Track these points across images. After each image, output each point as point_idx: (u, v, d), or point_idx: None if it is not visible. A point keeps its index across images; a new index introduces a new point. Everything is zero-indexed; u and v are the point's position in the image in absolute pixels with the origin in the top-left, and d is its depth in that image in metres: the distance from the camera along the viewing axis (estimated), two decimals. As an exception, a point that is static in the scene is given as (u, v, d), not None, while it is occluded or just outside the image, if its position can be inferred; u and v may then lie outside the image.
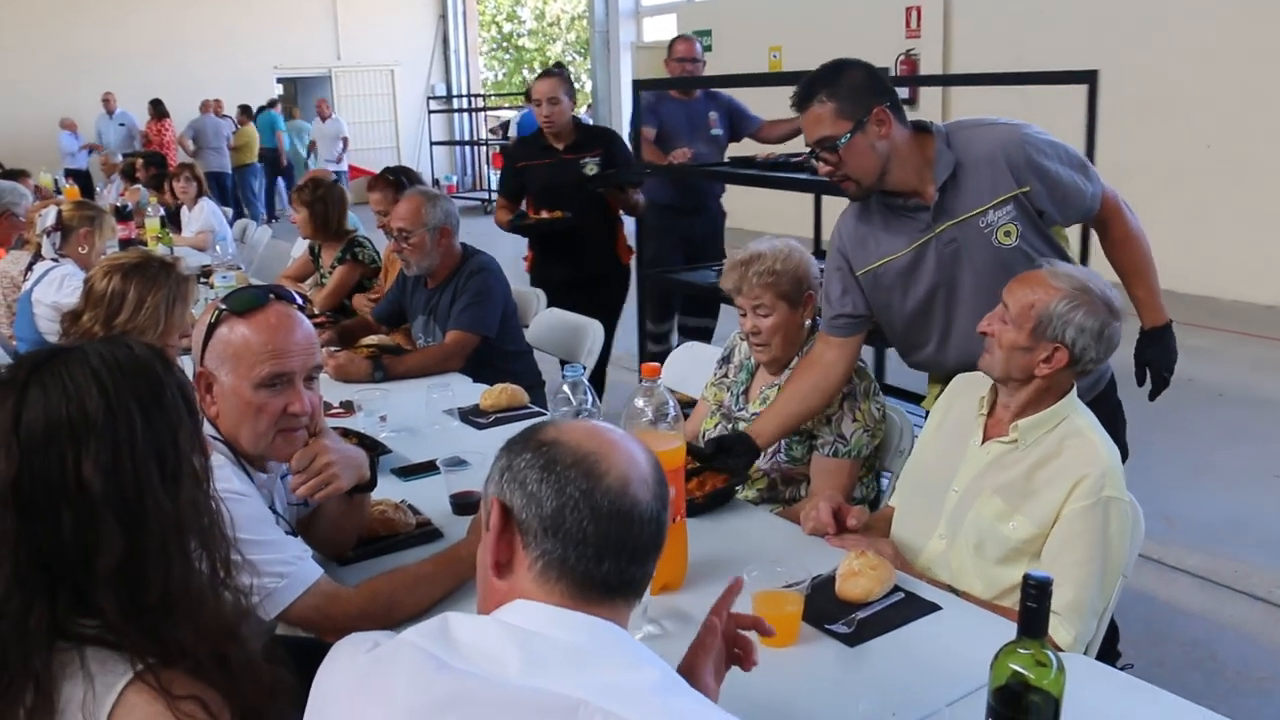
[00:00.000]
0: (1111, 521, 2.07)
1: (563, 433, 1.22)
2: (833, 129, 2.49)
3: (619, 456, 1.19)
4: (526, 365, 3.98)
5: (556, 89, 4.72)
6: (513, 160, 5.03)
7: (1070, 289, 2.14)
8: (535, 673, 1.08)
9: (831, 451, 2.65)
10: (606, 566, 1.16)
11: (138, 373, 1.25)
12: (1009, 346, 2.17)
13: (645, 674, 1.11)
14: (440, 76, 20.34)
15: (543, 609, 1.16)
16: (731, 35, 13.93)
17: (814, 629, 1.89)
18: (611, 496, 1.16)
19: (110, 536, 1.18)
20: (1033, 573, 1.32)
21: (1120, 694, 1.74)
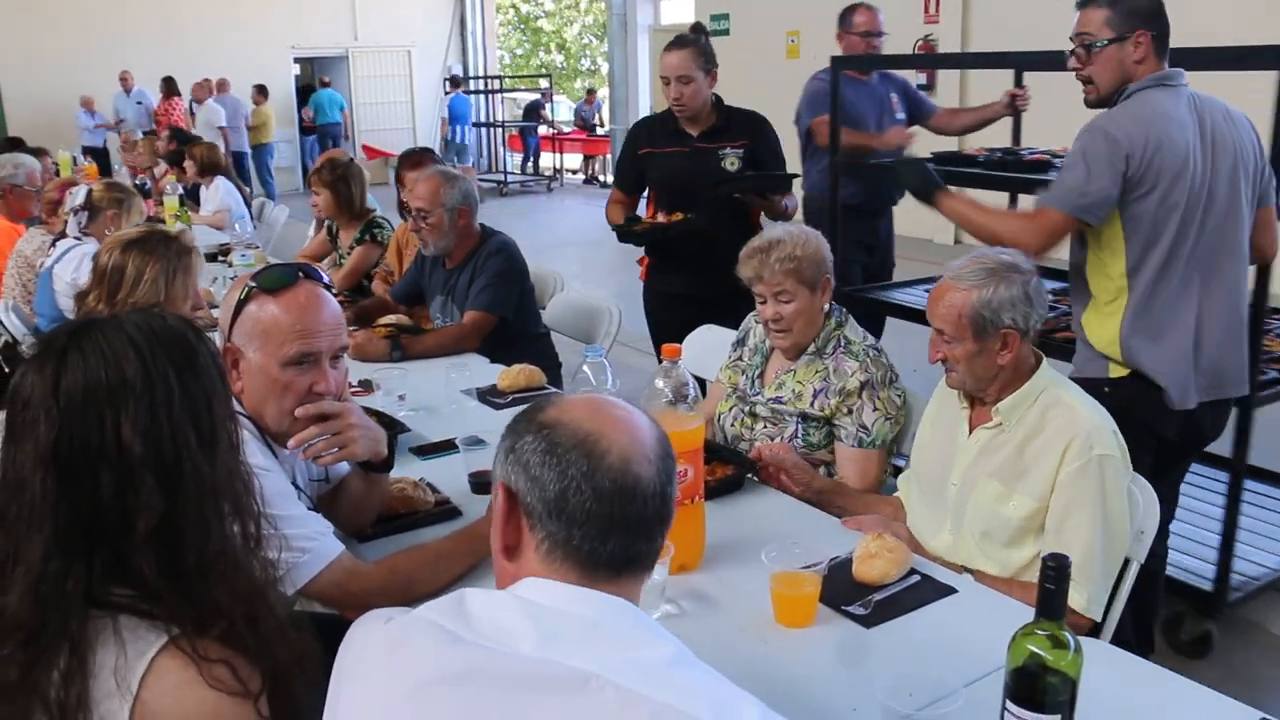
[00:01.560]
0: (1107, 479, 2.11)
1: (564, 412, 1.22)
2: (1095, 31, 2.70)
3: (620, 434, 1.20)
4: (544, 347, 3.99)
5: (689, 64, 3.80)
6: (634, 145, 4.10)
7: (977, 278, 2.19)
8: (549, 646, 1.09)
9: (856, 442, 2.66)
10: (612, 545, 1.18)
11: (172, 340, 1.28)
12: (966, 358, 2.22)
13: (658, 650, 1.12)
14: (457, 58, 20.31)
15: (556, 585, 1.17)
16: (749, 19, 13.88)
17: (831, 610, 1.90)
18: (613, 475, 1.17)
19: (149, 498, 1.20)
20: (1050, 554, 1.33)
21: (1137, 679, 1.75)
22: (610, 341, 3.88)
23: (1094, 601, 2.11)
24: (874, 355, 2.70)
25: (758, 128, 3.96)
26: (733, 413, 2.85)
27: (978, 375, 2.23)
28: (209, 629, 1.20)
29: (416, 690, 1.10)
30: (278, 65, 17.56)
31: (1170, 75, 2.69)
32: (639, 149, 4.04)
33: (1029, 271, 2.22)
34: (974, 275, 2.20)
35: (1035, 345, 2.28)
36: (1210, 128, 2.71)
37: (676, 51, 3.81)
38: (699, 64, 3.79)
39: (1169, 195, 2.64)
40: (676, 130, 3.94)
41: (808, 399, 2.69)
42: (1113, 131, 2.64)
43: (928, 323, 2.31)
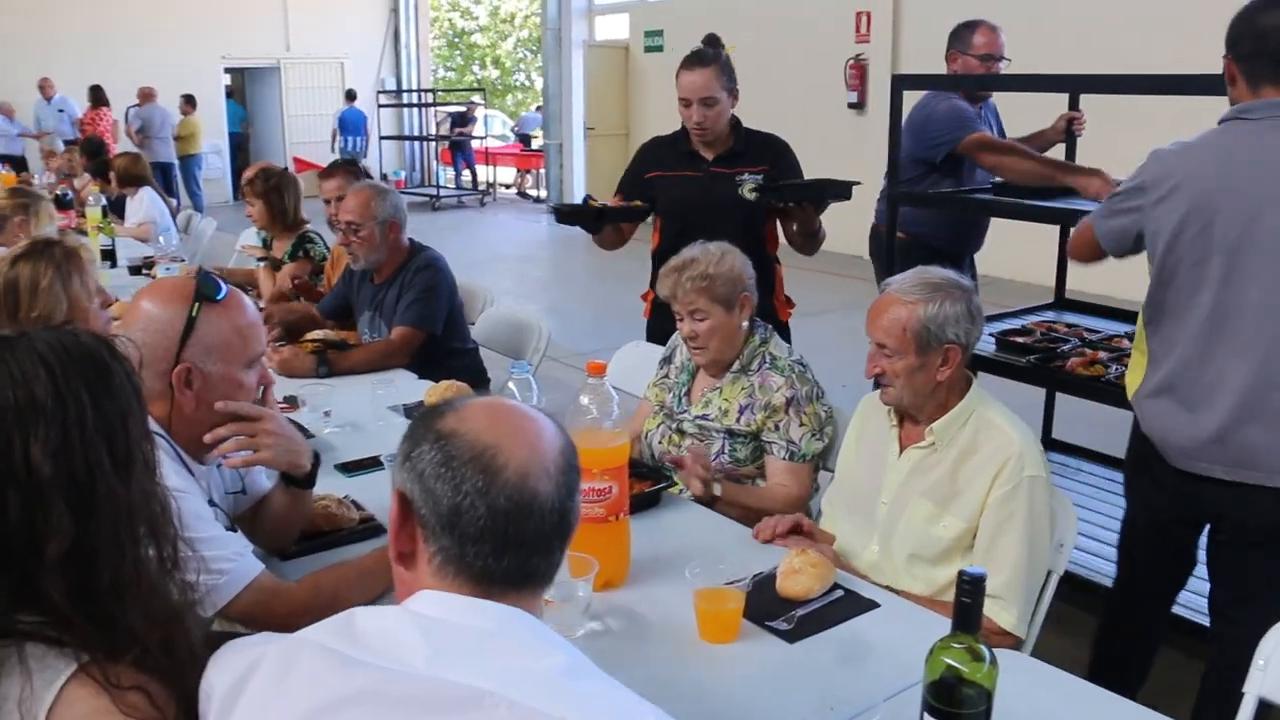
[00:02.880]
0: (1036, 499, 2.16)
1: (463, 421, 1.18)
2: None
3: (519, 446, 1.17)
4: (472, 362, 3.98)
5: (713, 85, 3.40)
6: (641, 165, 3.71)
7: (923, 293, 2.22)
8: (441, 662, 1.07)
9: (787, 455, 2.68)
10: (507, 562, 1.15)
11: (85, 358, 1.24)
12: (905, 373, 2.23)
13: (553, 659, 1.10)
14: (391, 70, 20.20)
15: (448, 597, 1.15)
16: (684, 36, 13.95)
17: (755, 626, 1.91)
18: (509, 491, 1.14)
19: (60, 521, 1.16)
20: (968, 569, 1.35)
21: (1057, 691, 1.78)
22: (539, 357, 3.87)
23: (1022, 619, 2.15)
24: (799, 371, 2.72)
25: (778, 152, 3.58)
26: (660, 430, 2.86)
27: (916, 390, 2.25)
28: (122, 655, 1.16)
29: (309, 716, 1.07)
30: (207, 75, 17.30)
31: (1250, 108, 2.32)
32: (646, 171, 3.66)
33: (969, 289, 2.26)
34: (919, 290, 2.22)
35: (968, 364, 2.31)
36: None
37: (698, 70, 3.39)
38: (723, 83, 3.40)
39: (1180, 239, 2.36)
40: (690, 153, 3.55)
41: (734, 415, 2.71)
42: (1150, 161, 2.45)
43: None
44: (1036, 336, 3.75)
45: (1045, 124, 4.48)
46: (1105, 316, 4.19)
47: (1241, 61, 2.34)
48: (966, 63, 4.26)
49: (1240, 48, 2.33)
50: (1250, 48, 2.31)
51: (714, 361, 2.75)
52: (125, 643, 1.17)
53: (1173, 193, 2.35)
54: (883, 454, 2.38)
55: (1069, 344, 3.62)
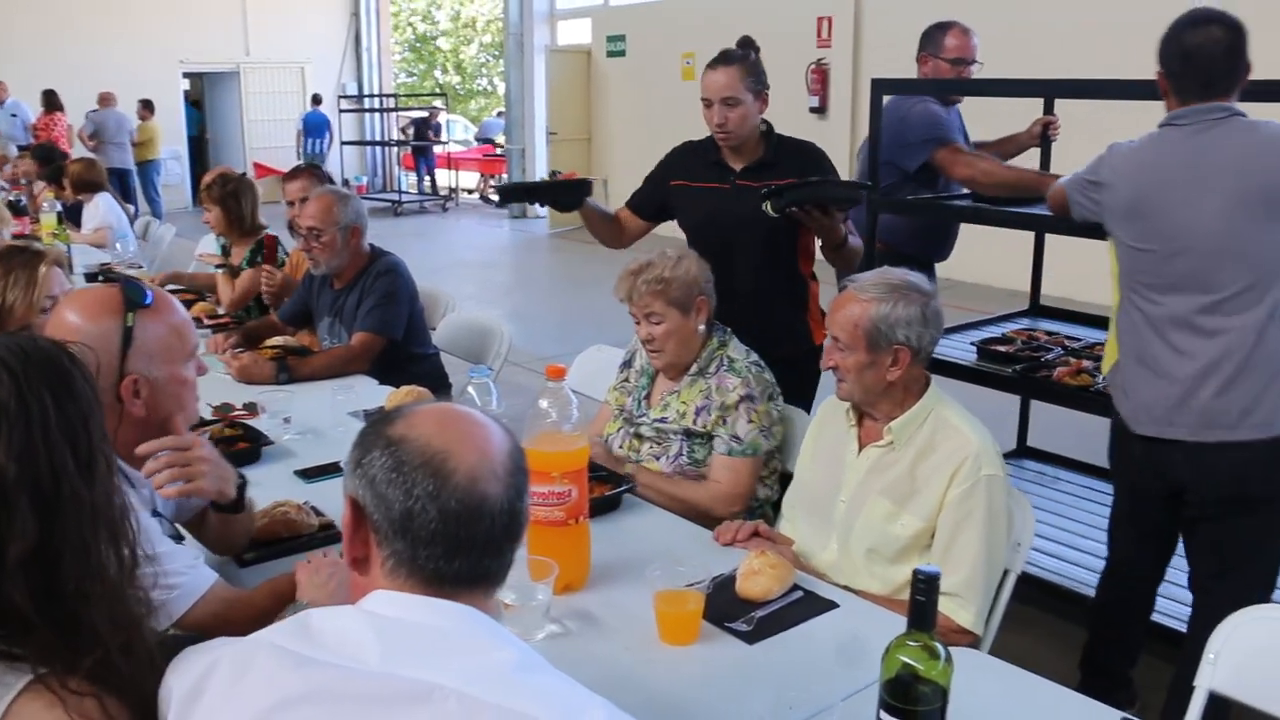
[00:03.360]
0: (993, 498, 2.19)
1: (412, 427, 1.20)
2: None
3: (468, 450, 1.19)
4: (433, 367, 3.96)
5: (736, 84, 3.17)
6: (666, 172, 3.47)
7: (879, 293, 2.25)
8: (394, 659, 1.09)
9: (727, 450, 2.69)
10: (458, 564, 1.17)
11: (46, 362, 1.25)
12: (856, 369, 2.27)
13: (504, 654, 1.12)
14: (352, 75, 20.10)
15: (402, 596, 1.17)
16: (645, 41, 14.00)
17: (714, 627, 1.92)
18: (460, 495, 1.16)
19: (24, 524, 1.16)
20: (922, 567, 1.37)
21: (1011, 687, 1.81)
22: (501, 362, 3.87)
23: (979, 617, 2.17)
24: (756, 372, 2.74)
25: (812, 162, 3.29)
26: (620, 434, 2.87)
27: (866, 387, 2.28)
28: (82, 661, 1.16)
29: (263, 715, 1.08)
30: (165, 80, 17.14)
31: (1179, 115, 2.58)
32: (671, 178, 3.42)
33: (930, 294, 2.29)
34: (877, 289, 2.26)
35: (926, 366, 2.34)
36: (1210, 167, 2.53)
37: (722, 69, 3.19)
38: (748, 84, 3.17)
39: (1125, 232, 2.66)
40: (717, 163, 3.31)
41: (690, 417, 2.73)
42: (1104, 154, 2.76)
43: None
44: (1019, 345, 3.75)
45: (1008, 129, 4.46)
46: (1080, 323, 4.21)
47: (1171, 77, 2.59)
48: (937, 65, 4.13)
49: (1170, 65, 2.58)
50: (1178, 65, 2.57)
51: (671, 364, 2.77)
52: (88, 646, 1.17)
53: (1118, 191, 2.67)
54: (841, 453, 2.40)
55: (1052, 353, 3.62)
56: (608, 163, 14.70)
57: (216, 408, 3.07)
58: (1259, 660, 1.86)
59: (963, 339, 3.97)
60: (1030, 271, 4.61)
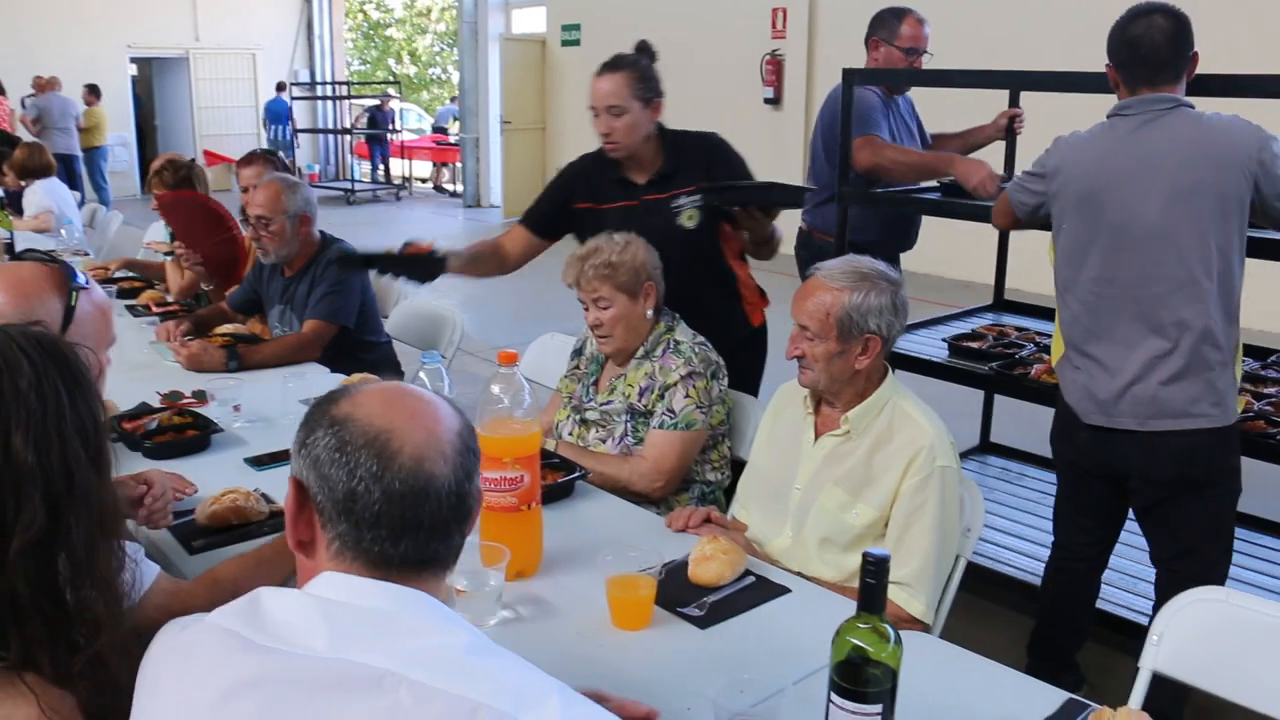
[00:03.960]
0: (947, 489, 2.21)
1: (357, 406, 1.17)
2: None
3: (414, 430, 1.16)
4: (385, 355, 3.94)
5: (622, 91, 3.04)
6: (567, 193, 3.29)
7: (850, 281, 2.25)
8: (342, 644, 1.07)
9: (659, 424, 2.69)
10: (404, 547, 1.15)
11: (59, 355, 1.26)
12: (825, 357, 2.26)
13: (455, 637, 1.11)
14: (304, 63, 19.89)
15: (349, 579, 1.15)
16: (600, 30, 13.95)
17: (666, 612, 1.93)
18: (403, 476, 1.13)
19: (33, 512, 1.16)
20: (871, 550, 1.38)
21: (961, 669, 1.83)
22: (453, 349, 3.86)
23: (930, 607, 2.19)
24: (701, 351, 2.74)
25: (714, 157, 3.18)
26: (569, 421, 2.87)
27: (833, 376, 2.28)
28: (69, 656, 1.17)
29: (215, 701, 1.07)
30: (112, 65, 16.87)
31: (1126, 105, 2.64)
32: (573, 200, 3.25)
33: (898, 282, 2.29)
34: (847, 277, 2.25)
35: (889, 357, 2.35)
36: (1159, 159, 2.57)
37: (608, 75, 3.05)
38: (636, 91, 3.04)
39: (1072, 223, 2.70)
40: (620, 179, 3.16)
41: (635, 397, 2.73)
42: (1051, 147, 2.79)
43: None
44: (990, 342, 3.73)
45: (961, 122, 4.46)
46: (1045, 318, 4.21)
47: (1120, 68, 2.65)
48: (889, 53, 4.07)
49: (1117, 55, 2.65)
50: (1125, 55, 2.63)
51: (619, 350, 2.76)
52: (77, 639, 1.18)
53: (1065, 181, 2.71)
54: (797, 441, 2.41)
55: (1025, 349, 3.62)
56: (562, 152, 14.64)
57: (165, 395, 3.04)
58: (1201, 641, 1.89)
59: (931, 335, 3.96)
60: (994, 266, 4.62)
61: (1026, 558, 3.58)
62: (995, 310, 4.49)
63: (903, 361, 3.64)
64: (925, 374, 3.61)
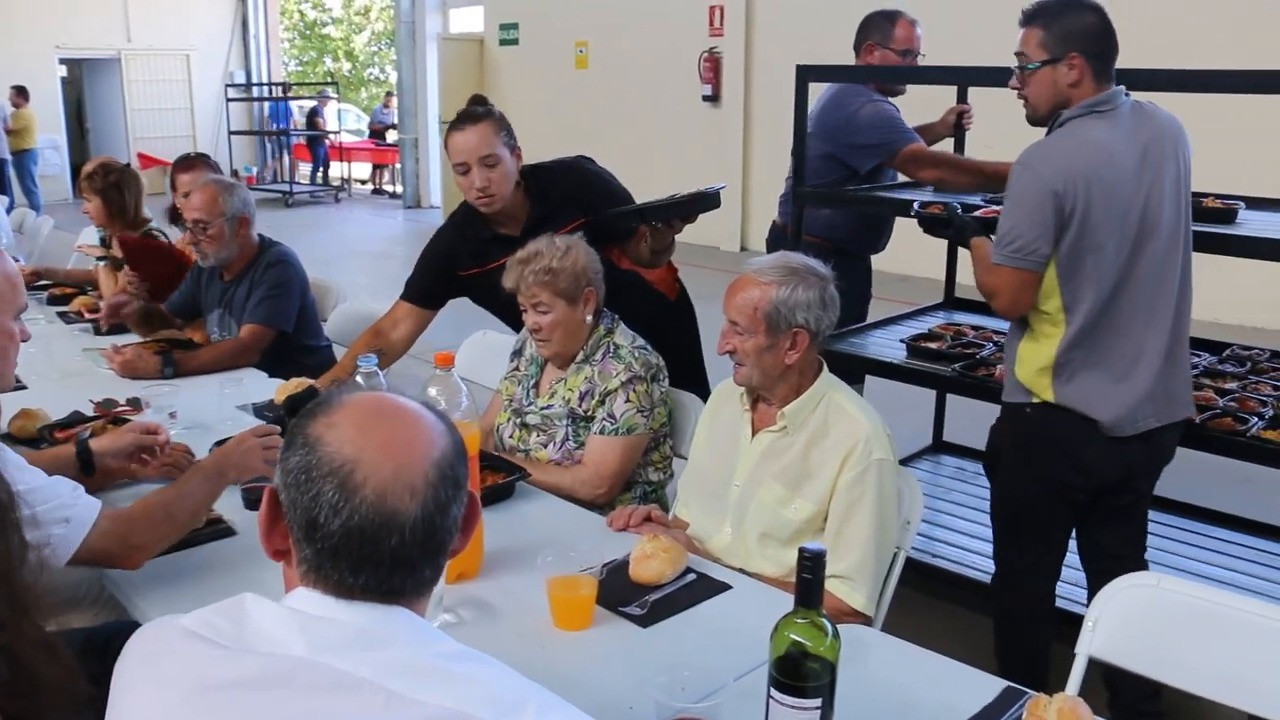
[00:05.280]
0: (884, 482, 2.23)
1: (331, 427, 1.13)
2: (1030, 52, 2.59)
3: (382, 463, 1.10)
4: (324, 359, 3.90)
5: (492, 140, 2.97)
6: (449, 262, 3.23)
7: (779, 275, 2.26)
8: (320, 652, 1.06)
9: (599, 429, 2.69)
10: (364, 579, 1.11)
11: None
12: (755, 352, 2.28)
13: (435, 647, 1.10)
14: (239, 63, 19.63)
15: (321, 597, 1.13)
16: (538, 30, 13.94)
17: (608, 612, 1.94)
18: (365, 510, 1.09)
19: None
20: (807, 545, 1.39)
21: (904, 661, 1.86)
22: (395, 353, 3.82)
23: (871, 599, 2.21)
24: (641, 355, 2.74)
25: (583, 188, 3.15)
26: (509, 425, 2.86)
27: (764, 371, 2.29)
28: None
29: (187, 697, 1.06)
30: (41, 66, 16.53)
31: (1104, 100, 2.54)
32: (457, 269, 3.20)
33: (828, 277, 2.30)
34: (776, 272, 2.26)
35: (820, 351, 2.37)
36: (1154, 150, 2.56)
37: (470, 128, 2.96)
38: (502, 139, 2.98)
39: (1100, 233, 2.51)
40: (495, 236, 3.10)
41: (575, 401, 2.73)
42: (1040, 169, 2.52)
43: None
44: (948, 342, 3.66)
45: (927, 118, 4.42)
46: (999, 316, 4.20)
47: (1094, 59, 2.53)
48: (886, 55, 4.01)
49: (1090, 45, 2.52)
50: (1101, 45, 2.54)
51: (558, 354, 2.76)
52: None
53: (1081, 190, 2.49)
54: (736, 438, 2.42)
55: (985, 349, 3.56)
56: (503, 152, 14.59)
57: (98, 404, 2.99)
58: (1134, 626, 1.93)
59: (887, 335, 3.92)
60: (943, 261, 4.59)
61: (981, 556, 3.56)
62: (947, 308, 4.47)
63: (862, 364, 3.66)
64: (889, 377, 3.59)
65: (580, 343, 2.75)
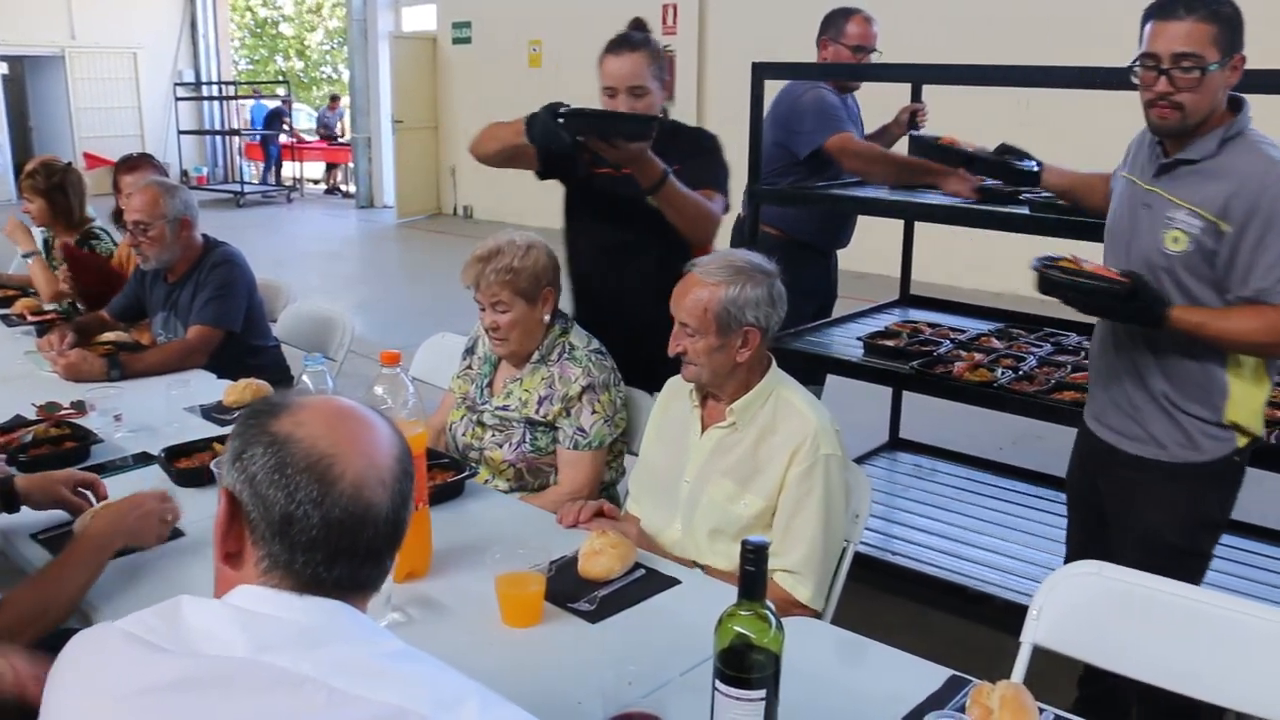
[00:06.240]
0: (832, 477, 2.25)
1: (300, 425, 1.14)
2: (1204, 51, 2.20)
3: (357, 455, 1.14)
4: (273, 359, 3.87)
5: (643, 71, 2.88)
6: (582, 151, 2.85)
7: (726, 275, 2.27)
8: (261, 651, 1.06)
9: (572, 445, 2.69)
10: (337, 571, 1.13)
11: None
12: (706, 352, 2.29)
13: (377, 646, 1.11)
14: (188, 62, 19.38)
15: (271, 593, 1.13)
16: (491, 28, 13.89)
17: (557, 608, 1.94)
18: (344, 503, 1.12)
19: None
20: (750, 538, 1.40)
21: (850, 652, 1.88)
22: (344, 352, 3.81)
23: (819, 593, 2.24)
24: (597, 360, 2.74)
25: (699, 146, 3.03)
26: (464, 422, 2.85)
27: (715, 370, 2.30)
28: None
29: (121, 699, 1.05)
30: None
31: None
32: (598, 165, 2.96)
33: (773, 273, 2.31)
34: (723, 272, 2.27)
35: (770, 347, 2.38)
36: None
37: (626, 55, 2.86)
38: (654, 71, 2.89)
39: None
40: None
41: (533, 405, 2.72)
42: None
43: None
44: (905, 340, 3.67)
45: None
46: (953, 312, 4.24)
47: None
48: (838, 51, 4.13)
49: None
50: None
51: (514, 353, 2.75)
52: None
53: None
54: (685, 434, 2.43)
55: (942, 346, 3.58)
56: (455, 151, 14.54)
57: (41, 407, 2.95)
58: (1077, 614, 1.95)
59: (843, 333, 3.95)
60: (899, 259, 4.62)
61: (938, 553, 3.59)
62: (903, 305, 4.50)
63: (820, 362, 3.70)
64: (843, 374, 3.62)
65: (536, 342, 2.75)
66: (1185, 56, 2.19)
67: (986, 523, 3.81)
